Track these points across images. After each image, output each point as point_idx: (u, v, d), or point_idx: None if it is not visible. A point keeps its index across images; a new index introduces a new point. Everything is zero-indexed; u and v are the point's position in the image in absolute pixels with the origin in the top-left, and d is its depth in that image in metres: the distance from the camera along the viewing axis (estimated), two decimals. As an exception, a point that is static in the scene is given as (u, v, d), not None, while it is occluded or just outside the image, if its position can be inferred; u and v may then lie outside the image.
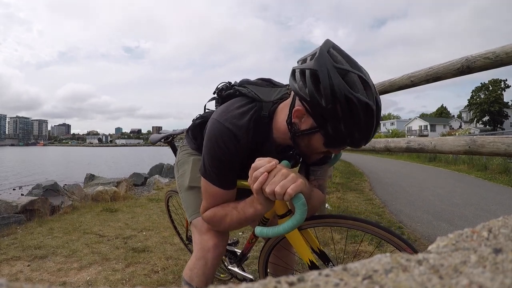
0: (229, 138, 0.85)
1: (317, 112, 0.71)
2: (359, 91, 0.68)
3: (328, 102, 0.67)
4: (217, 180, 0.90)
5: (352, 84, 0.68)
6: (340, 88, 0.67)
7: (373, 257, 0.24)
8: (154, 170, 9.16)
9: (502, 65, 1.30)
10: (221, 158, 0.87)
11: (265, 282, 0.21)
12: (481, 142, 1.31)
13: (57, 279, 1.98)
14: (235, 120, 0.86)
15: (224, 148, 0.86)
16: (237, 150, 0.86)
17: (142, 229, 3.06)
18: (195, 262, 1.00)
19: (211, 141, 0.87)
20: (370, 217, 3.41)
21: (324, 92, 0.67)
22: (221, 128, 0.86)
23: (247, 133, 0.86)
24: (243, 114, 0.88)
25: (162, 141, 1.57)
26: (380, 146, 2.16)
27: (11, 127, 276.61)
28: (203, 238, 1.02)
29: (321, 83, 0.67)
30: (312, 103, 0.70)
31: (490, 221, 0.30)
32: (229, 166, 0.88)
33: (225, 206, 0.91)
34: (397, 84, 1.96)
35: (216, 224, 0.94)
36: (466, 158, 9.86)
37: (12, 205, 3.45)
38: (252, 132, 0.87)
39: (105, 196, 4.67)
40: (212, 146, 0.87)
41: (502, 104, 41.59)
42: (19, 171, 17.19)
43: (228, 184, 0.91)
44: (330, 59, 0.69)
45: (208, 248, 0.99)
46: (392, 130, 44.87)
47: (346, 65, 0.69)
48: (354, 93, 0.67)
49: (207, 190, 0.92)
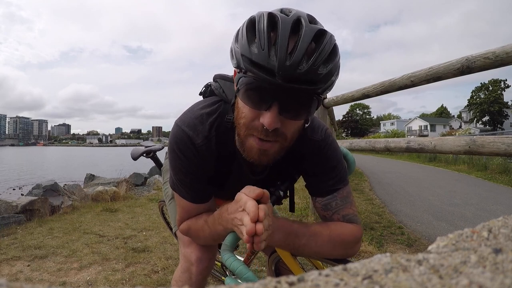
0: (185, 143, 0.72)
1: (234, 57, 0.62)
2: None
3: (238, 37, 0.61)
4: (185, 193, 0.78)
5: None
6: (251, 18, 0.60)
7: (373, 257, 0.24)
8: (154, 170, 9.14)
9: (502, 65, 1.30)
10: (181, 169, 0.75)
11: (265, 282, 0.21)
12: (481, 142, 1.31)
13: (57, 279, 1.98)
14: (193, 124, 0.73)
15: (181, 157, 0.73)
16: (196, 157, 0.73)
17: (142, 229, 3.06)
18: (180, 275, 0.92)
19: (170, 148, 0.76)
20: (370, 217, 3.41)
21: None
22: (178, 132, 0.73)
23: (208, 141, 0.73)
24: (204, 118, 0.74)
25: (144, 156, 1.55)
26: (380, 146, 2.16)
27: (11, 127, 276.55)
28: (186, 251, 0.93)
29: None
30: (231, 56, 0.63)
31: (490, 221, 0.30)
32: (191, 177, 0.75)
33: (198, 219, 0.80)
34: (397, 84, 1.96)
35: (193, 237, 0.85)
36: (466, 158, 9.87)
37: (12, 205, 3.44)
38: (214, 142, 0.73)
39: (105, 196, 4.66)
40: (171, 154, 0.76)
41: (502, 104, 41.58)
42: (19, 171, 17.19)
43: (197, 198, 0.79)
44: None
45: (191, 262, 0.90)
46: (392, 130, 44.88)
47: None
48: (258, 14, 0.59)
49: (179, 203, 0.82)
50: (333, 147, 0.80)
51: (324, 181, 0.79)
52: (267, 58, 0.55)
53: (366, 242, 2.49)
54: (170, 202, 1.10)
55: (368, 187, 5.76)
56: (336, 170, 0.79)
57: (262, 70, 0.56)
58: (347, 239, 0.75)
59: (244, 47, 0.58)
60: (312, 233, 0.73)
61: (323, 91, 0.62)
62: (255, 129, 0.63)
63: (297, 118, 0.63)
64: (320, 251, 0.74)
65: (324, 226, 0.76)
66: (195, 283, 0.89)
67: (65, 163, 27.11)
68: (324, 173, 0.79)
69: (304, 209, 3.57)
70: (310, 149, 0.78)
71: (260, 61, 0.56)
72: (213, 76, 0.86)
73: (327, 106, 2.93)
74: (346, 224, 0.77)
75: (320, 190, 0.80)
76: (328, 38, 0.59)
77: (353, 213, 0.79)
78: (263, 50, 0.56)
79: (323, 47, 0.57)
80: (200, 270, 0.89)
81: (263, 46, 0.56)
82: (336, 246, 0.74)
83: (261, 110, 0.60)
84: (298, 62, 0.55)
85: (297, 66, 0.55)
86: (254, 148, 0.65)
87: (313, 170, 0.80)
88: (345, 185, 0.80)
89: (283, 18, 0.57)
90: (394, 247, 2.49)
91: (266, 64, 0.55)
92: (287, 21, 0.57)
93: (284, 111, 0.59)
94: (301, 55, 0.55)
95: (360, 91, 2.42)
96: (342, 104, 2.83)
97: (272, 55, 0.55)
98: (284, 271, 1.12)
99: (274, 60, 0.55)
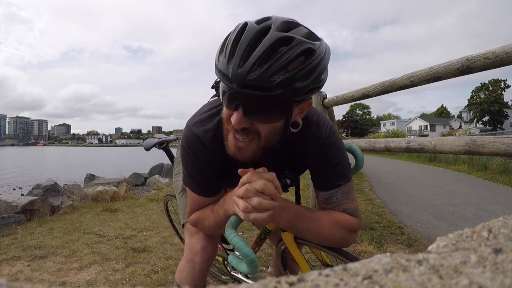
0: (195, 143, 0.79)
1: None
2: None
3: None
4: (195, 188, 0.86)
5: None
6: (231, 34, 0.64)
7: (373, 257, 0.24)
8: (154, 170, 9.15)
9: (502, 65, 1.30)
10: (192, 166, 0.82)
11: (265, 282, 0.21)
12: (481, 142, 1.31)
13: (57, 279, 1.98)
14: (202, 123, 0.80)
15: (192, 156, 0.80)
16: (206, 155, 0.80)
17: (142, 229, 3.06)
18: (184, 265, 1.00)
19: (182, 148, 0.83)
20: (370, 217, 3.41)
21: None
22: (189, 134, 0.81)
23: (215, 138, 0.79)
24: (211, 117, 0.81)
25: (157, 147, 1.54)
26: (380, 146, 2.16)
27: (11, 127, 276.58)
28: (192, 240, 1.01)
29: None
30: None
31: (490, 221, 0.30)
32: (201, 173, 0.82)
33: (206, 209, 0.87)
34: (397, 84, 1.95)
35: (200, 227, 0.91)
36: (466, 158, 9.86)
37: (12, 205, 3.45)
38: (220, 138, 0.77)
39: (105, 196, 4.66)
40: (183, 153, 0.83)
41: (502, 104, 41.59)
42: (19, 171, 17.19)
43: (206, 192, 0.86)
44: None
45: (196, 251, 0.98)
46: (392, 130, 44.91)
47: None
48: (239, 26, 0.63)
49: (190, 195, 0.89)
50: (337, 145, 0.83)
51: (327, 177, 0.82)
52: (226, 66, 0.60)
53: (366, 242, 2.49)
54: (180, 194, 1.18)
55: (368, 187, 5.76)
56: (339, 167, 0.82)
57: (223, 76, 0.62)
58: (346, 227, 0.80)
59: (216, 57, 0.64)
60: (314, 218, 0.79)
61: (290, 96, 0.62)
62: (231, 126, 0.68)
63: (265, 121, 0.66)
64: (320, 236, 0.79)
65: (326, 213, 0.81)
66: (198, 272, 0.97)
67: (65, 163, 27.12)
68: (327, 169, 0.82)
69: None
70: (314, 145, 0.81)
71: (222, 69, 0.61)
72: None
73: (327, 106, 2.93)
74: (347, 215, 0.81)
75: (323, 185, 0.83)
76: (293, 45, 0.59)
77: (353, 208, 0.83)
78: (225, 58, 0.61)
79: (281, 55, 0.58)
80: (204, 258, 0.97)
81: (225, 55, 0.61)
82: (334, 232, 0.79)
83: (231, 110, 0.66)
84: (248, 70, 0.58)
85: (247, 73, 0.58)
86: (231, 145, 0.71)
87: (316, 166, 0.84)
88: (347, 182, 0.83)
89: (251, 27, 0.61)
90: (394, 247, 2.49)
91: (225, 71, 0.61)
92: (253, 30, 0.60)
93: (249, 113, 0.63)
94: (251, 63, 0.58)
95: (360, 91, 2.42)
96: (342, 104, 2.83)
97: (230, 63, 0.60)
98: (289, 262, 1.17)
99: (230, 68, 0.59)
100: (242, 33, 0.61)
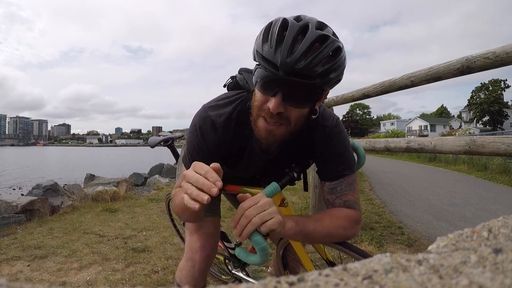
0: (206, 124, 0.83)
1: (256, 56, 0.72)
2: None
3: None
4: (190, 164, 0.83)
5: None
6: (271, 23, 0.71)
7: (373, 257, 0.24)
8: (154, 170, 9.15)
9: (502, 65, 1.30)
10: (195, 146, 0.85)
11: (265, 282, 0.21)
12: (481, 142, 1.31)
13: (57, 279, 1.98)
14: (218, 107, 0.84)
15: (199, 135, 0.83)
16: (212, 137, 0.83)
17: (142, 229, 3.06)
18: (184, 264, 1.02)
19: (192, 126, 0.86)
20: (370, 217, 3.41)
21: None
22: (202, 115, 0.84)
23: (228, 122, 0.83)
24: (228, 103, 0.86)
25: (161, 144, 1.54)
26: (380, 146, 2.16)
27: (11, 127, 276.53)
28: (191, 238, 1.03)
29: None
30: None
31: (490, 221, 0.30)
32: (203, 156, 0.82)
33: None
34: (397, 84, 1.95)
35: (174, 202, 0.87)
36: (466, 158, 9.86)
37: (12, 205, 3.44)
38: (234, 124, 0.84)
39: (105, 196, 4.66)
40: (191, 131, 0.86)
41: (502, 104, 41.58)
42: (19, 171, 17.19)
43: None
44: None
45: (195, 249, 0.99)
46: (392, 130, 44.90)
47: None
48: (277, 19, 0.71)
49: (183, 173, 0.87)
50: (342, 135, 0.89)
51: (333, 167, 0.87)
52: (273, 54, 0.67)
53: (366, 242, 2.49)
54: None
55: (368, 187, 5.76)
56: (345, 156, 0.87)
57: (269, 64, 0.68)
58: (346, 219, 0.83)
59: (259, 45, 0.71)
60: (316, 219, 0.81)
61: (322, 85, 0.71)
62: (264, 111, 0.74)
63: (300, 106, 0.73)
64: (327, 234, 0.80)
65: (324, 212, 0.84)
66: (198, 271, 0.98)
67: (65, 163, 27.11)
68: (333, 159, 0.87)
69: (304, 209, 3.57)
70: (321, 134, 0.87)
71: (268, 57, 0.68)
72: (238, 69, 0.99)
73: (327, 106, 2.93)
74: (344, 209, 0.85)
75: (329, 175, 0.87)
76: (329, 43, 0.69)
77: (354, 200, 0.86)
78: (271, 48, 0.68)
79: (322, 49, 0.68)
80: (203, 257, 0.98)
81: (272, 45, 0.68)
82: (337, 227, 0.81)
83: (269, 96, 0.71)
84: (297, 60, 0.66)
85: (295, 62, 0.66)
86: (262, 128, 0.76)
87: (323, 155, 0.88)
88: (351, 173, 0.88)
89: (293, 23, 0.69)
90: (394, 247, 2.49)
91: (272, 59, 0.67)
92: (295, 25, 0.68)
93: (287, 99, 0.70)
94: (300, 54, 0.66)
95: (360, 91, 2.42)
96: (342, 104, 2.83)
97: (278, 53, 0.67)
98: (290, 261, 1.16)
99: (278, 57, 0.66)
100: (284, 27, 0.68)
